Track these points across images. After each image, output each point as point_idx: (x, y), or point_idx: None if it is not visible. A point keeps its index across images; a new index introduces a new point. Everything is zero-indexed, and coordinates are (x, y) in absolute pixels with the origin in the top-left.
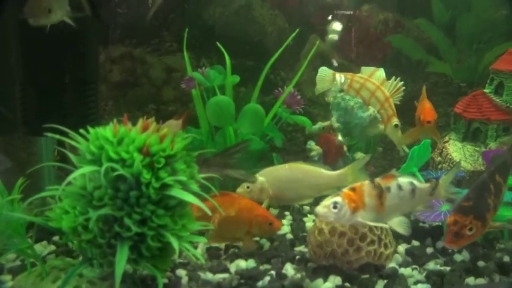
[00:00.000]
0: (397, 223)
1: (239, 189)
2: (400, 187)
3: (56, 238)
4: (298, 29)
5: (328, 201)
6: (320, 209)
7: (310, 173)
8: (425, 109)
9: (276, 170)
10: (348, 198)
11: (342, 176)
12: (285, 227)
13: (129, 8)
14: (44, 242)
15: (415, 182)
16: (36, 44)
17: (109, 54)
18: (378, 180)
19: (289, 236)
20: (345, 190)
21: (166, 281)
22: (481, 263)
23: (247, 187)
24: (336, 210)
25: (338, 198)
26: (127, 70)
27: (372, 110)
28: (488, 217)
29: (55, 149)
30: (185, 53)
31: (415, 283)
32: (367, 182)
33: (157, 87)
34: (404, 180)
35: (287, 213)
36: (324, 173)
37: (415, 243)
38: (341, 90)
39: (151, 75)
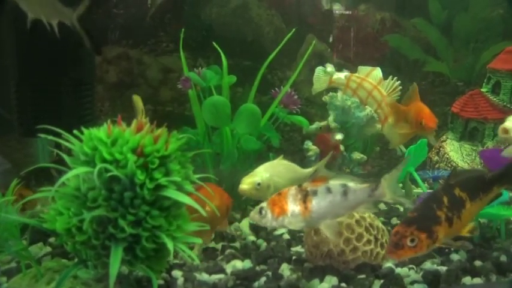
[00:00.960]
0: (325, 226)
1: (244, 186)
2: (329, 190)
3: (51, 239)
4: (294, 29)
5: (256, 208)
6: (251, 214)
7: (296, 169)
8: (427, 114)
9: (274, 165)
10: (272, 203)
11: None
12: (282, 228)
13: (126, 8)
14: (40, 244)
15: (350, 183)
16: (32, 45)
17: (105, 55)
18: (305, 184)
19: (286, 236)
20: (273, 196)
21: (161, 282)
22: (477, 263)
23: (258, 184)
24: (260, 216)
25: (264, 204)
26: (123, 71)
27: (368, 110)
28: (436, 230)
29: (54, 151)
30: (182, 53)
31: (412, 283)
32: (293, 187)
33: (154, 87)
34: (335, 183)
35: None
36: (297, 168)
37: None
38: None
39: (148, 75)
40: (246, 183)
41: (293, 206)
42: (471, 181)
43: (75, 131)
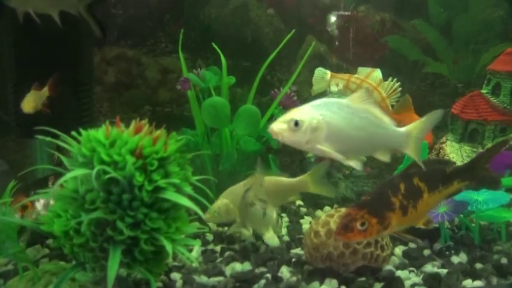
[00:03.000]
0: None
1: (206, 215)
2: None
3: (49, 242)
4: (294, 30)
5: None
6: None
7: (268, 182)
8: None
9: (235, 188)
10: None
11: (302, 182)
12: (282, 229)
13: (125, 8)
14: (37, 246)
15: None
16: (30, 45)
17: (104, 55)
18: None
19: (286, 238)
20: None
21: (160, 284)
22: (478, 265)
23: (215, 211)
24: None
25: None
26: (122, 71)
27: None
28: (388, 217)
29: (54, 153)
30: (181, 54)
31: (412, 286)
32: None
33: (152, 88)
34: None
35: (284, 215)
36: (284, 180)
37: (412, 245)
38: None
39: (147, 76)
40: (207, 212)
41: None
42: (432, 172)
43: (73, 132)
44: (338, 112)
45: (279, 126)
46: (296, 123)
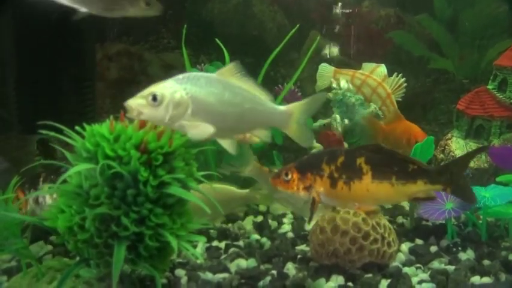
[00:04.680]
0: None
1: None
2: None
3: (53, 238)
4: (298, 25)
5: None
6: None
7: (219, 191)
8: (419, 132)
9: None
10: None
11: (252, 194)
12: (286, 226)
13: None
14: (41, 242)
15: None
16: (32, 43)
17: (106, 51)
18: None
19: (291, 234)
20: None
21: (165, 281)
22: (486, 262)
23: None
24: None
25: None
26: (125, 67)
27: (373, 107)
28: (310, 177)
29: (36, 145)
30: (184, 50)
31: (420, 282)
32: None
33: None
34: None
35: (288, 211)
36: (234, 191)
37: (419, 241)
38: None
39: (150, 72)
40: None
41: None
42: (385, 161)
43: (77, 127)
44: (206, 87)
45: (137, 102)
46: (155, 98)
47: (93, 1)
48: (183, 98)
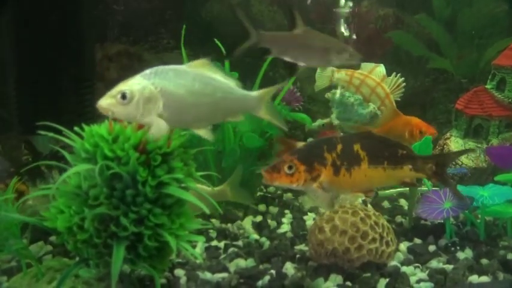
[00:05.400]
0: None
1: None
2: None
3: (52, 238)
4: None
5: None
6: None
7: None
8: (421, 123)
9: None
10: None
11: (221, 191)
12: (285, 226)
13: (126, 4)
14: (41, 242)
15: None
16: (31, 43)
17: (106, 52)
18: None
19: (289, 234)
20: None
21: (164, 281)
22: (484, 261)
23: None
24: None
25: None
26: (124, 67)
27: (372, 107)
28: (316, 168)
29: (23, 145)
30: (183, 50)
31: (418, 281)
32: None
33: None
34: None
35: (287, 211)
36: (203, 189)
37: (417, 241)
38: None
39: None
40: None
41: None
42: (377, 146)
43: (76, 128)
44: (174, 79)
45: (107, 102)
46: (124, 96)
47: (310, 57)
48: (153, 93)
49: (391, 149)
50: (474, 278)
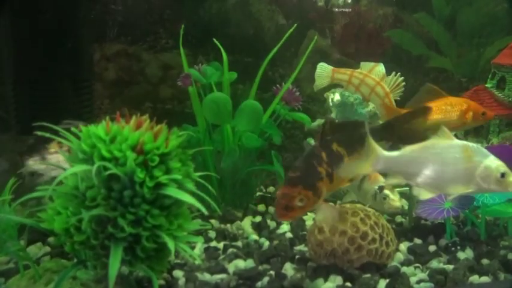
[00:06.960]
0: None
1: None
2: None
3: (50, 239)
4: (296, 25)
5: None
6: None
7: None
8: (474, 104)
9: None
10: None
11: None
12: (285, 226)
13: (124, 4)
14: (39, 244)
15: None
16: (29, 43)
17: (104, 52)
18: None
19: (289, 235)
20: None
21: (162, 282)
22: (485, 261)
23: None
24: None
25: None
26: (123, 68)
27: (371, 106)
28: (319, 186)
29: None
30: (181, 50)
31: (418, 282)
32: None
33: (153, 84)
34: None
35: None
36: None
37: (417, 241)
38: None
39: (148, 72)
40: None
41: None
42: (348, 136)
43: (73, 128)
44: None
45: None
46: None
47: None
48: None
49: (357, 132)
50: (475, 278)
